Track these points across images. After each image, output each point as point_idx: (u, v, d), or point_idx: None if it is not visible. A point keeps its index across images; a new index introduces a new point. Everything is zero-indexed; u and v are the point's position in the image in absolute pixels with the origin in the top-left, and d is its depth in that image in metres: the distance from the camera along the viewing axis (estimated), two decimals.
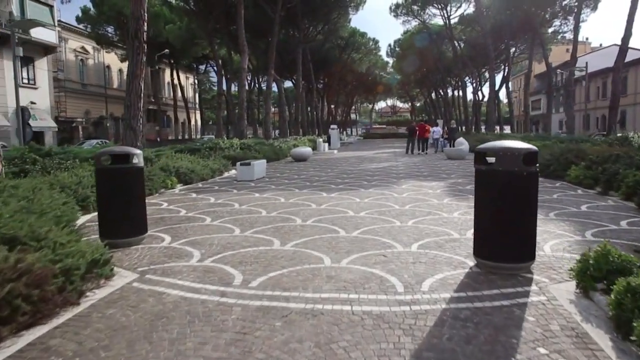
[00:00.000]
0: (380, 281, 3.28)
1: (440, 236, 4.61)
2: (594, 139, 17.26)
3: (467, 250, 4.05)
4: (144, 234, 4.63)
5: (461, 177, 10.35)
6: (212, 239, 4.68)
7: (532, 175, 3.31)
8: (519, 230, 3.32)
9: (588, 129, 39.09)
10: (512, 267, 3.37)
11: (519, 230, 3.32)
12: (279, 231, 4.98)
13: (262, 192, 8.37)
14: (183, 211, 6.45)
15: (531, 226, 3.36)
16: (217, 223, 5.53)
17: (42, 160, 8.13)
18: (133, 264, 3.85)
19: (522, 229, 3.32)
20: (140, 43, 10.48)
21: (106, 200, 4.40)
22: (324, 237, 4.63)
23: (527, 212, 3.32)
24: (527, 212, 3.32)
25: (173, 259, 3.99)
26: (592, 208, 6.08)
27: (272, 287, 3.21)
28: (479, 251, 3.54)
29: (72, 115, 33.84)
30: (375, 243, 4.37)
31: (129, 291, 3.21)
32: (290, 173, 12.42)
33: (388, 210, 6.08)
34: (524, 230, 3.33)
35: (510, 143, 3.41)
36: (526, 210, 3.32)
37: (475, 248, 3.60)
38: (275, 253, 4.10)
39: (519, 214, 3.30)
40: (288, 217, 5.78)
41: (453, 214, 5.80)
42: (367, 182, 9.51)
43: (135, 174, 4.49)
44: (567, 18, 32.20)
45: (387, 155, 20.94)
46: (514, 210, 3.30)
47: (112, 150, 4.45)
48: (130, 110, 10.47)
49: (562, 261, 3.67)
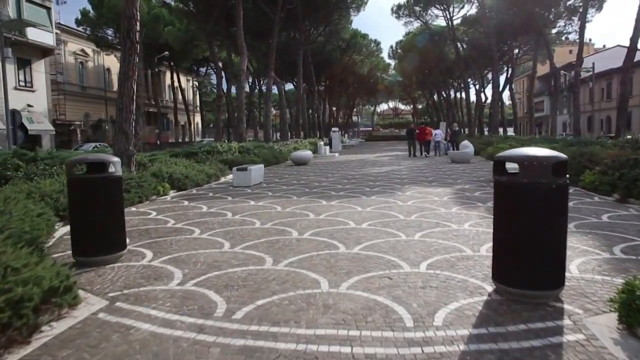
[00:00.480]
0: (386, 312, 2.81)
1: (451, 253, 4.14)
2: (603, 142, 16.75)
3: (482, 270, 3.58)
4: (122, 250, 4.18)
5: (468, 182, 9.87)
6: (198, 256, 4.23)
7: (562, 187, 2.85)
8: (547, 252, 2.85)
9: (592, 131, 38.54)
10: (539, 295, 2.90)
11: (547, 252, 2.85)
12: (272, 246, 4.52)
13: (258, 199, 7.92)
14: (171, 222, 6.00)
15: (561, 247, 2.89)
16: (205, 236, 5.07)
17: (26, 167, 7.71)
18: (104, 288, 3.40)
19: (550, 251, 2.85)
20: (132, 43, 10.05)
21: (79, 214, 3.96)
22: (322, 254, 4.16)
23: (556, 230, 2.86)
24: (556, 231, 2.86)
25: (151, 281, 3.53)
26: (614, 218, 5.59)
27: (260, 319, 2.75)
28: (499, 275, 3.07)
29: (71, 118, 33.54)
30: (378, 261, 3.91)
31: (92, 324, 2.75)
32: (289, 178, 11.97)
33: (392, 221, 5.62)
34: (553, 252, 2.86)
35: (536, 151, 2.94)
36: (555, 228, 2.85)
37: (495, 271, 3.13)
38: (266, 274, 3.63)
39: (547, 233, 2.83)
40: (283, 229, 5.32)
41: (463, 225, 5.33)
42: (369, 189, 9.05)
43: (112, 185, 4.04)
44: (572, 18, 31.73)
45: (389, 158, 20.49)
46: (541, 229, 2.83)
47: (85, 158, 4.00)
48: (122, 113, 10.02)
49: (594, 286, 3.19)
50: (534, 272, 2.87)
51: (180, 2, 28.25)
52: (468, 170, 12.96)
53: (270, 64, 25.39)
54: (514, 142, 18.53)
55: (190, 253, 4.35)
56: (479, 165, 15.24)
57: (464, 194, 8.06)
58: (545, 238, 2.84)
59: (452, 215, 6.00)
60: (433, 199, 7.52)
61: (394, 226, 5.33)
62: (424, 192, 8.31)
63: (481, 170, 13.10)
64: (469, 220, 5.64)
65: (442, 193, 8.19)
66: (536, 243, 2.84)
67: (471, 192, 8.28)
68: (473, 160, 16.82)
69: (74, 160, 3.98)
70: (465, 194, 7.98)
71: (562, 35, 34.84)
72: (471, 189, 8.64)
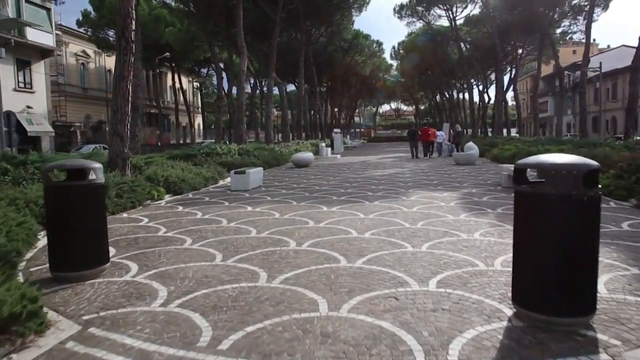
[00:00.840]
0: (393, 342, 2.46)
1: (463, 267, 3.78)
2: (611, 143, 16.35)
3: (499, 289, 3.23)
4: (105, 264, 3.85)
5: (474, 186, 9.51)
6: (186, 270, 3.89)
7: (595, 200, 2.49)
8: (577, 273, 2.49)
9: (598, 131, 38.05)
10: (568, 322, 2.54)
11: (577, 274, 2.49)
12: (267, 259, 4.18)
13: (255, 204, 7.58)
14: (163, 229, 5.66)
15: (593, 268, 2.53)
16: (197, 247, 4.73)
17: (14, 170, 7.40)
18: (79, 309, 3.06)
19: (581, 272, 2.50)
20: (127, 43, 9.75)
21: (56, 226, 3.63)
22: (321, 269, 3.82)
23: (588, 249, 2.50)
24: (588, 249, 2.50)
25: (132, 301, 3.19)
26: (635, 226, 5.22)
27: (248, 350, 2.41)
28: (520, 297, 2.72)
29: (72, 119, 33.34)
30: (383, 277, 3.56)
31: (57, 356, 2.41)
32: (289, 181, 11.63)
33: (397, 230, 5.26)
34: (584, 274, 2.51)
35: (562, 157, 2.59)
36: (587, 246, 2.50)
37: (515, 293, 2.78)
38: (259, 292, 3.29)
39: (577, 251, 2.48)
40: (280, 238, 4.98)
41: (473, 234, 4.97)
42: (372, 193, 8.69)
43: (93, 193, 3.71)
44: (577, 18, 31.30)
45: (392, 160, 20.12)
46: (570, 247, 2.48)
47: (62, 165, 3.67)
48: (117, 114, 9.72)
49: (629, 309, 2.83)
50: (562, 296, 2.51)
51: (181, 3, 28.00)
52: (474, 173, 12.58)
53: (271, 64, 25.08)
54: (519, 144, 18.14)
55: (178, 267, 4.01)
56: (484, 167, 14.87)
57: (472, 198, 7.70)
58: (575, 257, 2.48)
59: (460, 222, 5.64)
60: (439, 204, 7.16)
61: (399, 235, 4.98)
62: (429, 197, 7.95)
63: (487, 172, 12.73)
64: (479, 228, 5.28)
65: (448, 198, 7.83)
66: (564, 263, 2.49)
67: (479, 196, 7.91)
68: (478, 162, 16.45)
69: (51, 166, 3.65)
70: (473, 199, 7.62)
71: (567, 35, 34.41)
72: (479, 194, 8.27)
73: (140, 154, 15.01)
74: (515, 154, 14.06)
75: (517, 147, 15.44)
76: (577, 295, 2.52)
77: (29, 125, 23.62)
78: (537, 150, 13.46)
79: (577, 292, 2.52)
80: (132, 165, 9.90)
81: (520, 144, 16.86)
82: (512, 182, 8.78)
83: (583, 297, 2.54)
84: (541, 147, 13.97)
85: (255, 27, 27.11)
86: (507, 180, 9.07)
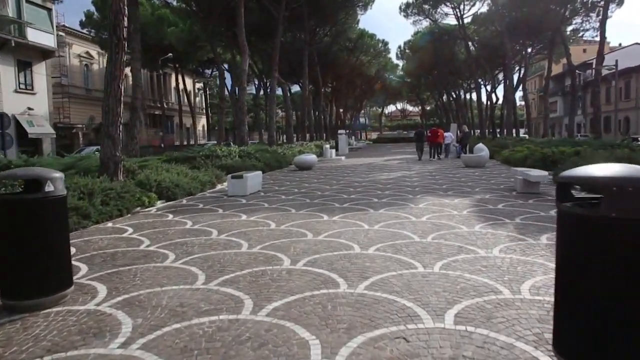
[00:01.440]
0: None
1: (485, 295, 3.20)
2: (628, 143, 15.61)
3: (531, 326, 2.65)
4: (66, 289, 3.32)
5: (487, 191, 8.89)
6: (161, 296, 3.35)
7: None
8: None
9: (610, 131, 37.09)
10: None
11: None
12: (256, 281, 3.63)
13: (251, 212, 7.03)
14: (146, 242, 5.14)
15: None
16: (179, 264, 4.19)
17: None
18: (22, 351, 2.53)
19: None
20: (119, 40, 9.34)
21: (7, 246, 3.11)
22: (316, 296, 3.26)
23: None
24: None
25: (87, 340, 2.65)
26: None
27: None
28: (565, 346, 2.13)
29: (76, 121, 33.09)
30: (389, 309, 2.99)
31: None
32: (290, 185, 11.08)
33: (405, 245, 4.69)
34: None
35: (621, 169, 2.00)
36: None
37: (558, 339, 2.19)
38: (241, 329, 2.74)
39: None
40: (273, 255, 4.42)
41: (492, 250, 4.38)
42: (378, 200, 8.11)
43: (51, 207, 3.18)
44: (589, 15, 30.44)
45: (398, 162, 19.51)
46: (637, 287, 1.89)
47: (14, 174, 3.15)
48: (109, 116, 9.28)
49: None
50: (625, 350, 1.93)
51: (182, 2, 27.61)
52: (485, 177, 11.95)
53: (274, 64, 24.59)
54: (531, 145, 17.42)
55: (153, 291, 3.47)
56: (495, 170, 14.21)
57: (486, 206, 7.09)
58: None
59: (476, 235, 5.05)
60: (451, 212, 6.56)
61: (407, 252, 4.40)
62: (439, 204, 7.35)
63: (499, 176, 12.08)
64: (497, 243, 4.69)
65: (460, 205, 7.23)
66: (630, 307, 1.90)
67: (493, 203, 7.30)
68: (488, 165, 15.79)
69: (1, 176, 3.13)
70: (487, 207, 7.01)
71: (579, 32, 33.53)
72: (493, 200, 7.66)
73: (140, 156, 14.56)
74: (528, 156, 13.38)
75: (529, 149, 14.74)
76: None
77: (29, 127, 23.34)
78: (552, 152, 12.76)
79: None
80: (125, 169, 9.42)
81: (532, 146, 16.14)
82: (529, 187, 8.04)
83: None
84: (555, 148, 13.25)
85: (259, 27, 26.63)
86: (522, 185, 8.46)
